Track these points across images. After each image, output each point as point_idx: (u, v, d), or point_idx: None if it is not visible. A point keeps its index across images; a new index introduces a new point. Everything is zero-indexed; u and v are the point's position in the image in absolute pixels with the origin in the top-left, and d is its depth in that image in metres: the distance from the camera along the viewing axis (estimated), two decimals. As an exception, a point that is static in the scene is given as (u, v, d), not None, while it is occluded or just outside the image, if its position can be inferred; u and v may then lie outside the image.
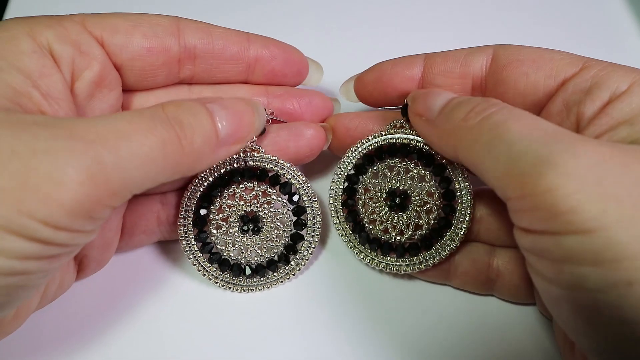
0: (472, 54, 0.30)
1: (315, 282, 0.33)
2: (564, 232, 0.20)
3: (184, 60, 0.30)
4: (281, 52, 0.32)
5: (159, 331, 0.31)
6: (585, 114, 0.26)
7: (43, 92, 0.25)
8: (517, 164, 0.21)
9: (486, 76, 0.30)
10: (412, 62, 0.31)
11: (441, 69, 0.30)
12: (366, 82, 0.32)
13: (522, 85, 0.28)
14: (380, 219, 0.32)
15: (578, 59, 0.28)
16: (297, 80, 0.34)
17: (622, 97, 0.25)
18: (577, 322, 0.22)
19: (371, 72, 0.32)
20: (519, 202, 0.22)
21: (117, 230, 0.30)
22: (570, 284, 0.21)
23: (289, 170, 0.32)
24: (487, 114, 0.24)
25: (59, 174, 0.20)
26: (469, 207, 0.30)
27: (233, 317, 0.32)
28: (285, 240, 0.33)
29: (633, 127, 0.24)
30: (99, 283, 0.32)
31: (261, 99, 0.32)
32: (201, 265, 0.32)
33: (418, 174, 0.32)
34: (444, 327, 0.32)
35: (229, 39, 0.31)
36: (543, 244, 0.22)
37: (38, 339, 0.31)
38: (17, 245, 0.20)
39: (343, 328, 0.32)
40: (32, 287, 0.23)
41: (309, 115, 0.33)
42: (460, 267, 0.31)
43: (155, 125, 0.23)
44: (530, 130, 0.22)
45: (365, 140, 0.32)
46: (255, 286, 0.32)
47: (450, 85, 0.30)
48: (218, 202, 0.32)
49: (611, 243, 0.19)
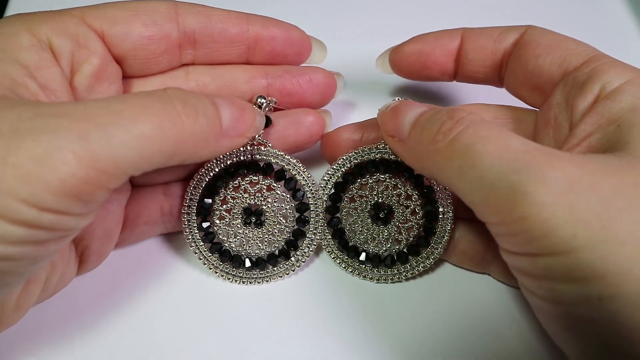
0: (506, 32, 0.31)
1: (316, 278, 0.33)
2: (539, 254, 0.22)
3: (184, 45, 0.30)
4: (281, 32, 0.32)
5: (160, 324, 0.31)
6: (578, 108, 0.26)
7: (40, 83, 0.25)
8: (490, 193, 0.22)
9: (511, 53, 0.31)
10: (452, 36, 0.32)
11: (475, 45, 0.31)
12: (406, 54, 0.33)
13: (530, 67, 0.29)
14: (361, 230, 0.33)
15: (588, 52, 0.28)
16: (298, 59, 0.33)
17: (613, 94, 0.25)
18: (557, 331, 0.24)
19: (411, 43, 0.33)
20: (497, 228, 0.23)
21: (119, 221, 0.30)
22: (548, 298, 0.23)
23: (295, 166, 0.32)
24: (454, 135, 0.24)
25: (41, 152, 0.19)
26: (447, 231, 0.31)
27: (235, 310, 0.32)
28: (287, 236, 0.33)
29: (619, 129, 0.24)
30: (100, 276, 0.32)
31: (260, 81, 0.32)
32: (202, 254, 0.32)
33: (405, 192, 0.32)
34: (441, 321, 0.32)
35: (228, 21, 0.31)
36: (521, 263, 0.23)
37: (40, 332, 0.31)
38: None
39: (342, 324, 0.32)
40: (18, 275, 0.22)
41: (311, 94, 0.33)
42: (459, 245, 0.32)
43: (152, 103, 0.22)
44: (499, 154, 0.22)
45: (360, 150, 0.32)
46: (255, 279, 0.32)
47: (482, 60, 0.31)
48: (223, 192, 0.32)
49: (582, 263, 0.21)
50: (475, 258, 0.32)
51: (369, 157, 0.32)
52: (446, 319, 0.32)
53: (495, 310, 0.32)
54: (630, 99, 0.24)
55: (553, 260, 0.21)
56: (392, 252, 0.33)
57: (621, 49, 0.42)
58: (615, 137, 0.24)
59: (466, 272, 0.33)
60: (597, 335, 0.22)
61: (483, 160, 0.22)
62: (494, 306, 0.32)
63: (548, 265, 0.21)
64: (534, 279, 0.23)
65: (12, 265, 0.21)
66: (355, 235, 0.33)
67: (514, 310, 0.32)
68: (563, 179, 0.21)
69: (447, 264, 0.34)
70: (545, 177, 0.21)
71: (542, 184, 0.21)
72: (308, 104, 0.33)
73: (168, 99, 0.23)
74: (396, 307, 0.32)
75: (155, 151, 0.22)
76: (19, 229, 0.20)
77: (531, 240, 0.21)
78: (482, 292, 0.32)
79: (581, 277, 0.21)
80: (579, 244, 0.20)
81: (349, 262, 0.32)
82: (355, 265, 0.32)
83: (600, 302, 0.21)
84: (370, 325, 0.31)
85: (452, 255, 0.33)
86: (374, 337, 0.31)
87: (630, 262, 0.20)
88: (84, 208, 0.22)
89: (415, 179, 0.32)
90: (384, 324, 0.31)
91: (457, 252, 0.32)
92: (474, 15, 0.44)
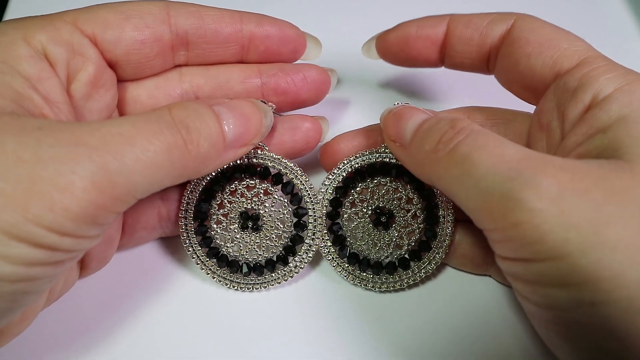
0: (494, 22, 0.30)
1: (316, 283, 0.33)
2: (532, 259, 0.22)
3: (177, 46, 0.30)
4: (275, 30, 0.31)
5: (160, 328, 0.31)
6: (569, 117, 0.26)
7: (43, 95, 0.25)
8: (486, 201, 0.23)
9: (499, 46, 0.30)
10: (437, 24, 0.31)
11: (462, 36, 0.31)
12: (390, 42, 0.33)
13: (521, 67, 0.28)
14: (363, 236, 0.32)
15: (581, 51, 0.27)
16: (293, 57, 0.33)
17: (602, 103, 0.25)
18: (552, 335, 0.24)
19: (395, 32, 0.33)
20: (493, 234, 0.24)
21: (119, 227, 0.30)
22: (542, 303, 0.23)
23: (293, 170, 0.31)
24: (454, 144, 0.24)
25: (64, 181, 0.20)
26: (449, 234, 0.31)
27: (234, 314, 0.32)
28: (285, 241, 0.32)
29: (606, 135, 0.24)
30: (101, 281, 0.32)
31: (255, 80, 0.32)
32: (200, 259, 0.32)
33: (406, 195, 0.32)
34: (444, 326, 0.31)
35: (221, 21, 0.30)
36: (516, 268, 0.23)
37: (41, 337, 0.31)
38: (22, 251, 0.20)
39: (343, 330, 0.31)
40: (37, 293, 0.23)
41: (306, 91, 0.32)
42: (459, 248, 0.32)
43: (162, 130, 0.23)
44: (494, 163, 0.23)
45: (360, 154, 0.31)
46: (252, 285, 0.32)
47: (469, 53, 0.31)
48: (219, 197, 0.32)
49: (574, 268, 0.21)
50: (476, 260, 0.32)
51: (369, 161, 0.31)
52: (450, 324, 0.31)
53: (498, 312, 0.31)
54: (619, 107, 0.24)
55: (546, 266, 0.21)
56: (393, 259, 0.32)
57: (621, 49, 0.42)
58: (603, 145, 0.24)
59: (467, 275, 0.33)
60: (590, 340, 0.22)
61: (478, 168, 0.23)
62: (497, 309, 0.32)
63: (541, 271, 0.22)
64: (528, 284, 0.23)
65: (33, 285, 0.22)
66: (357, 242, 0.32)
67: (517, 312, 0.31)
68: (555, 185, 0.21)
69: (447, 268, 0.33)
70: (538, 184, 0.21)
71: (534, 190, 0.21)
72: (303, 101, 0.33)
73: (174, 126, 0.24)
74: (398, 312, 0.32)
75: (164, 175, 0.24)
76: (42, 252, 0.21)
77: (525, 246, 0.22)
78: (485, 295, 0.32)
79: (574, 282, 0.21)
80: (571, 249, 0.21)
81: (350, 271, 0.32)
82: (357, 273, 0.32)
83: (593, 307, 0.21)
84: (371, 331, 0.31)
85: (452, 258, 0.32)
86: (375, 343, 0.31)
87: (622, 266, 0.20)
88: (98, 231, 0.23)
89: (415, 183, 0.31)
90: (385, 329, 0.31)
91: (457, 255, 0.32)
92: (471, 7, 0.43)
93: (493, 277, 0.32)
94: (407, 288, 0.32)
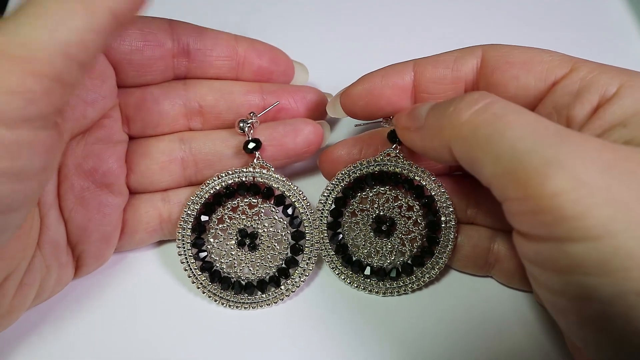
0: (462, 57, 0.29)
1: (321, 290, 0.33)
2: (569, 238, 0.19)
3: (178, 55, 0.31)
4: (267, 48, 0.33)
5: (153, 334, 0.31)
6: (576, 118, 0.25)
7: None
8: (520, 164, 0.20)
9: (477, 80, 0.29)
10: (402, 71, 0.29)
11: (433, 76, 0.29)
12: (355, 98, 0.30)
13: (512, 89, 0.27)
14: (364, 244, 0.32)
15: (567, 59, 0.27)
16: (284, 79, 0.34)
17: (613, 99, 0.25)
18: (586, 333, 0.21)
19: (359, 85, 0.30)
20: (520, 204, 0.21)
21: (117, 225, 0.30)
22: (577, 296, 0.20)
23: (295, 193, 0.32)
24: (482, 105, 0.23)
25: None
26: (451, 239, 0.31)
27: (229, 326, 0.32)
28: (279, 263, 0.32)
29: (627, 128, 0.23)
30: (97, 282, 0.32)
31: (256, 95, 0.33)
32: (192, 272, 0.32)
33: (406, 203, 0.32)
34: (448, 330, 0.31)
35: (218, 37, 0.32)
36: (546, 252, 0.21)
37: (32, 337, 0.30)
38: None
39: (348, 336, 0.31)
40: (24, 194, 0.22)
41: (304, 110, 0.33)
42: (461, 250, 0.32)
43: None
44: (533, 128, 0.21)
45: (358, 164, 0.32)
46: (242, 304, 0.32)
47: (444, 92, 0.29)
48: (220, 211, 0.32)
49: (619, 251, 0.18)
50: (479, 262, 0.31)
51: (367, 170, 0.31)
52: (452, 326, 0.31)
53: (501, 314, 0.31)
54: (632, 102, 0.24)
55: (585, 247, 0.19)
56: (396, 265, 0.32)
57: (621, 49, 0.42)
58: (622, 137, 0.23)
59: (468, 277, 0.33)
60: (631, 336, 0.19)
61: (515, 130, 0.21)
62: (499, 310, 0.31)
63: (578, 253, 0.19)
64: (560, 273, 0.20)
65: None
66: (359, 250, 0.32)
67: (519, 313, 0.31)
68: (600, 160, 0.20)
69: (449, 270, 0.33)
70: (584, 155, 0.20)
71: (580, 160, 0.19)
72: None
73: None
74: (402, 317, 0.32)
75: None
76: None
77: (561, 220, 0.19)
78: (487, 296, 0.32)
79: (618, 268, 0.18)
80: (617, 229, 0.18)
81: (354, 277, 0.32)
82: (360, 279, 0.32)
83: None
84: (374, 335, 0.31)
85: (455, 261, 0.32)
86: (379, 348, 0.31)
87: None
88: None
89: (415, 190, 0.32)
90: (388, 333, 0.31)
91: (460, 258, 0.32)
92: (472, 19, 0.44)
93: (495, 278, 0.32)
94: (411, 292, 0.32)
